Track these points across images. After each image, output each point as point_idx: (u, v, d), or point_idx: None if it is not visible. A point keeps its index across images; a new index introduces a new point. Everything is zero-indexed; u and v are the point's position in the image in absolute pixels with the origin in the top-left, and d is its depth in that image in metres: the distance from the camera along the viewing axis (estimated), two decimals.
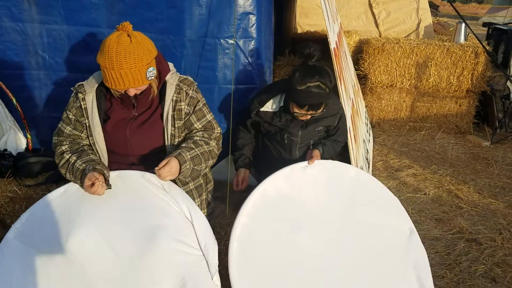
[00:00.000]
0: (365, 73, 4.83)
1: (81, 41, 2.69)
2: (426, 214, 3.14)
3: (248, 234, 1.97)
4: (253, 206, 2.02)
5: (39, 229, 1.99)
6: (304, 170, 2.20)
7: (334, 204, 2.13)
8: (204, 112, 2.23)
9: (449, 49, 4.62)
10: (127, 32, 1.94)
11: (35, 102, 2.88)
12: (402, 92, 4.87)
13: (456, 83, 4.70)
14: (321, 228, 2.05)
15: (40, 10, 2.66)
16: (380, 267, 2.03)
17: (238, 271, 1.89)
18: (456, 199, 3.38)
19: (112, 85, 1.96)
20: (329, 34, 2.40)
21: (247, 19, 2.59)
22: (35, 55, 2.76)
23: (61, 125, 2.16)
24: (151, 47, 2.00)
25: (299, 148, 2.54)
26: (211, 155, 2.20)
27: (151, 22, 2.61)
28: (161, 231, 1.91)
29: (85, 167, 2.00)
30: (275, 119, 2.46)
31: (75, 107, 2.12)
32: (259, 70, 2.72)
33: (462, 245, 2.75)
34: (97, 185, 1.93)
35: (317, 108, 2.33)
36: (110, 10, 2.62)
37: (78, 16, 2.65)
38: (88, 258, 1.87)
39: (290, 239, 1.99)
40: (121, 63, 1.89)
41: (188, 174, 2.12)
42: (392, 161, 4.11)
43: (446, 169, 3.91)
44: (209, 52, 2.62)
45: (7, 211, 2.47)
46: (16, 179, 2.70)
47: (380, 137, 4.72)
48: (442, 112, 4.88)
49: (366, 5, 5.24)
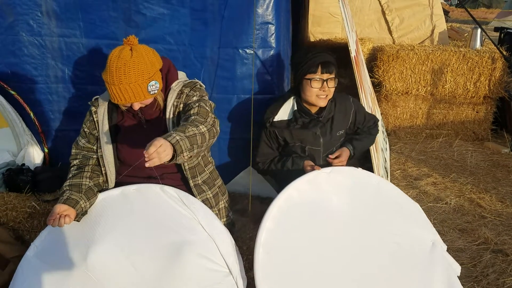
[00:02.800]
0: (379, 81, 4.77)
1: (100, 54, 2.68)
2: (449, 224, 3.07)
3: (273, 238, 1.93)
4: (278, 210, 2.00)
5: (58, 246, 1.96)
6: (329, 175, 2.18)
7: (357, 211, 2.10)
8: (197, 99, 2.07)
9: (465, 55, 4.55)
10: (130, 45, 1.91)
11: (53, 116, 2.86)
12: (417, 99, 4.81)
13: (473, 89, 4.64)
14: (344, 234, 2.02)
15: (59, 24, 2.66)
16: (404, 277, 1.98)
17: (264, 276, 1.85)
18: (479, 208, 3.30)
19: (114, 99, 1.94)
20: (349, 42, 2.37)
21: (266, 29, 2.55)
22: (54, 69, 2.75)
23: (78, 138, 2.18)
24: (154, 60, 1.96)
25: (323, 158, 2.48)
26: (209, 134, 1.96)
27: (173, 34, 2.60)
28: (184, 247, 1.87)
29: (63, 192, 2.00)
30: (291, 125, 2.42)
31: (89, 120, 2.13)
32: (278, 79, 2.68)
33: (488, 256, 2.68)
34: (56, 219, 1.89)
35: (330, 68, 2.32)
36: (128, 23, 2.62)
37: (97, 29, 2.65)
38: (107, 275, 1.84)
39: (314, 244, 1.97)
40: (120, 78, 1.86)
41: (187, 143, 1.76)
42: (411, 169, 4.05)
43: (466, 177, 3.84)
44: (227, 62, 2.60)
45: (26, 227, 2.44)
46: (35, 194, 2.67)
47: (397, 145, 4.65)
48: (459, 119, 4.81)
49: (379, 12, 5.18)
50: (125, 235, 1.91)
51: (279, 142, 2.48)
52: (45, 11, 2.64)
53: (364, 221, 2.07)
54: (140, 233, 1.93)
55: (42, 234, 2.00)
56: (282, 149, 2.52)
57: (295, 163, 2.38)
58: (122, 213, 2.00)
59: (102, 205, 2.03)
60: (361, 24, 5.23)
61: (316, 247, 1.96)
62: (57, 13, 2.64)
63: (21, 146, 2.84)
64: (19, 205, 2.55)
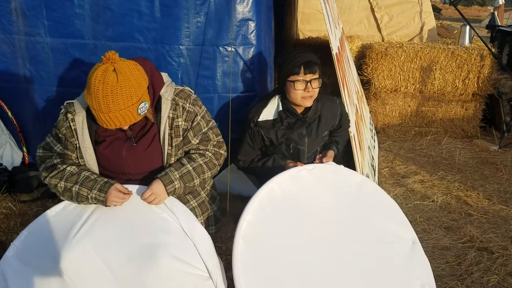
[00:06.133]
0: (368, 78, 4.75)
1: (65, 54, 2.59)
2: (435, 222, 3.05)
3: (253, 231, 1.92)
4: (259, 204, 1.99)
5: (37, 247, 1.94)
6: (311, 171, 2.17)
7: (338, 207, 2.10)
8: (201, 126, 2.14)
9: (453, 52, 4.54)
10: (113, 65, 1.77)
11: (27, 116, 2.80)
12: (406, 97, 4.79)
13: (462, 86, 4.62)
14: (324, 229, 2.03)
15: (25, 22, 2.57)
16: (382, 273, 1.99)
17: (242, 269, 1.83)
18: (466, 206, 3.28)
19: (102, 125, 1.87)
20: (331, 40, 2.34)
21: (247, 26, 2.51)
22: (23, 69, 2.67)
23: (51, 141, 2.07)
24: (140, 79, 1.85)
25: (307, 158, 2.46)
26: (208, 166, 2.13)
27: (142, 31, 2.52)
28: (160, 250, 1.83)
29: (105, 180, 1.97)
30: (276, 125, 2.39)
31: (64, 126, 2.02)
32: (259, 77, 2.65)
33: (473, 254, 2.66)
34: (128, 195, 1.95)
35: (313, 68, 2.29)
36: (96, 20, 2.51)
37: (62, 28, 2.54)
38: (83, 278, 1.81)
39: (293, 239, 1.96)
40: (109, 107, 1.76)
41: (181, 192, 2.05)
42: (399, 167, 4.02)
43: (454, 175, 3.82)
44: (207, 60, 2.54)
45: (2, 228, 2.40)
46: (11, 195, 2.63)
47: (385, 143, 4.63)
48: (448, 116, 4.79)
49: (368, 10, 5.17)
50: (102, 237, 1.88)
51: (264, 143, 2.45)
52: (14, 8, 2.56)
53: (344, 218, 2.07)
54: (117, 235, 1.90)
55: (22, 235, 1.98)
56: (266, 149, 2.49)
57: (276, 161, 2.35)
58: (101, 214, 1.96)
59: (81, 207, 2.00)
60: (350, 21, 5.22)
61: (295, 242, 1.96)
62: (24, 10, 2.55)
63: None
64: None
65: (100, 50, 2.57)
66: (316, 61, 2.33)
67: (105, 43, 2.56)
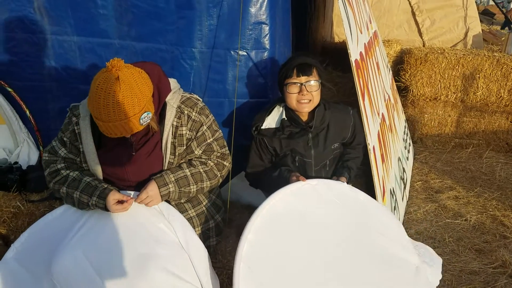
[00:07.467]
0: (406, 85, 4.51)
1: (92, 52, 2.61)
2: (465, 243, 2.82)
3: (255, 251, 1.83)
4: (261, 221, 1.90)
5: (35, 250, 1.94)
6: (314, 187, 2.06)
7: (341, 226, 2.00)
8: (206, 136, 2.07)
9: (499, 60, 4.23)
10: (117, 73, 1.68)
11: (48, 114, 2.83)
12: (447, 106, 4.51)
13: (507, 97, 4.30)
14: (327, 248, 1.93)
15: (51, 21, 2.60)
16: None
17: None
18: (501, 227, 3.02)
19: (104, 132, 1.81)
20: (349, 46, 2.20)
21: (260, 29, 2.40)
22: (48, 67, 2.71)
23: (56, 145, 2.06)
24: (144, 88, 1.77)
25: (315, 171, 2.31)
26: (208, 176, 2.04)
27: (161, 33, 2.49)
28: (153, 261, 1.76)
29: (105, 186, 1.92)
30: (278, 133, 2.26)
31: (69, 130, 2.00)
32: (272, 83, 2.53)
33: (504, 281, 2.42)
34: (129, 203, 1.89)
35: (307, 70, 2.17)
36: (119, 21, 2.52)
37: (88, 27, 2.57)
38: (72, 284, 1.77)
39: (297, 258, 1.87)
40: (109, 116, 1.70)
41: (176, 197, 1.97)
42: (433, 181, 3.78)
43: (493, 192, 3.54)
44: (219, 64, 2.46)
45: (10, 227, 2.41)
46: (21, 194, 2.65)
47: (422, 154, 4.38)
48: (491, 128, 4.47)
49: (409, 13, 4.93)
50: (95, 243, 1.85)
51: (270, 152, 2.33)
52: (37, 8, 2.59)
53: (347, 238, 1.96)
54: (110, 243, 1.85)
55: (23, 237, 1.98)
56: (274, 160, 2.37)
57: (282, 174, 2.22)
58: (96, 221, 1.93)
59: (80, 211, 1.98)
60: (389, 25, 5.00)
61: (299, 261, 1.86)
62: (48, 10, 2.58)
63: (17, 144, 2.83)
64: (4, 205, 2.52)
65: (126, 50, 2.59)
66: (313, 63, 2.20)
67: (130, 43, 2.56)
